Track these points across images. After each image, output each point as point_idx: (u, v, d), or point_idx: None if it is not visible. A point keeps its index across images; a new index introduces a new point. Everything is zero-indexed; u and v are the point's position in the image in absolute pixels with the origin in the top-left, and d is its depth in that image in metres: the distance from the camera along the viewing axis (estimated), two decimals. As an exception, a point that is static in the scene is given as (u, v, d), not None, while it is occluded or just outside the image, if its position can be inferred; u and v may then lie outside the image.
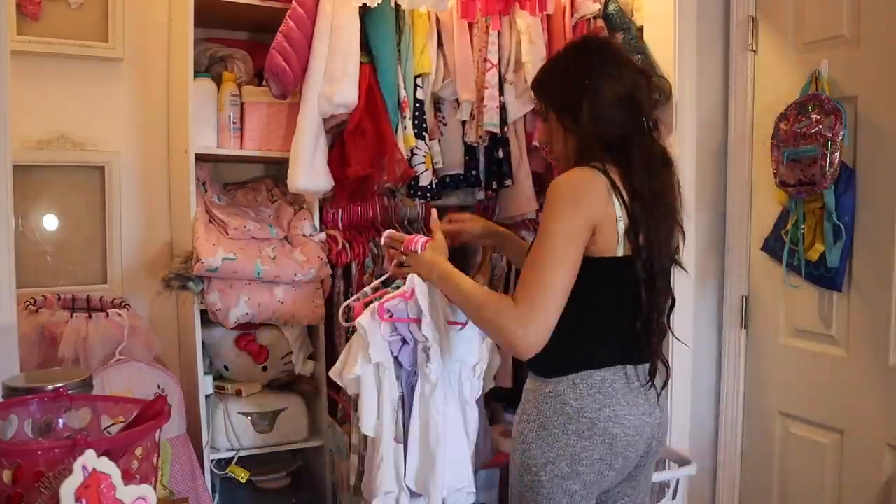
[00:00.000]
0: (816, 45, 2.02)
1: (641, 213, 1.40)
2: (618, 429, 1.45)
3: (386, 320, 1.68)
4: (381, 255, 2.29)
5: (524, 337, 1.34)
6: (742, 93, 2.22)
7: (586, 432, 1.44)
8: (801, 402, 2.09)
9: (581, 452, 1.44)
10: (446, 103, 2.33)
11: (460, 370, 1.74)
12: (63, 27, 2.27)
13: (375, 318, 1.68)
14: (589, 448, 1.44)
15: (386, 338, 1.70)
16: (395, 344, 1.71)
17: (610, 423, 1.44)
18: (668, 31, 2.20)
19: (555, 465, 1.44)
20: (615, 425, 1.44)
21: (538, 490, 1.45)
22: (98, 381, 1.59)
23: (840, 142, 1.86)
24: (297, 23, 2.06)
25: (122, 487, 0.94)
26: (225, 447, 2.15)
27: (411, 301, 1.68)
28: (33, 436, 1.22)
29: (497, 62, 2.31)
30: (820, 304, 2.02)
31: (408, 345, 1.71)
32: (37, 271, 2.28)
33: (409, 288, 1.69)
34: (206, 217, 2.12)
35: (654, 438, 1.52)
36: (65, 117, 2.30)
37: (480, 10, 2.24)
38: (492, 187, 2.38)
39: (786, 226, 2.04)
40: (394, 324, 1.69)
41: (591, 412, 1.44)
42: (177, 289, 2.04)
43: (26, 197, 2.26)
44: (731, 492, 2.30)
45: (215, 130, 2.21)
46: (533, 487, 1.46)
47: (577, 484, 1.44)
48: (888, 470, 1.86)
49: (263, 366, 2.19)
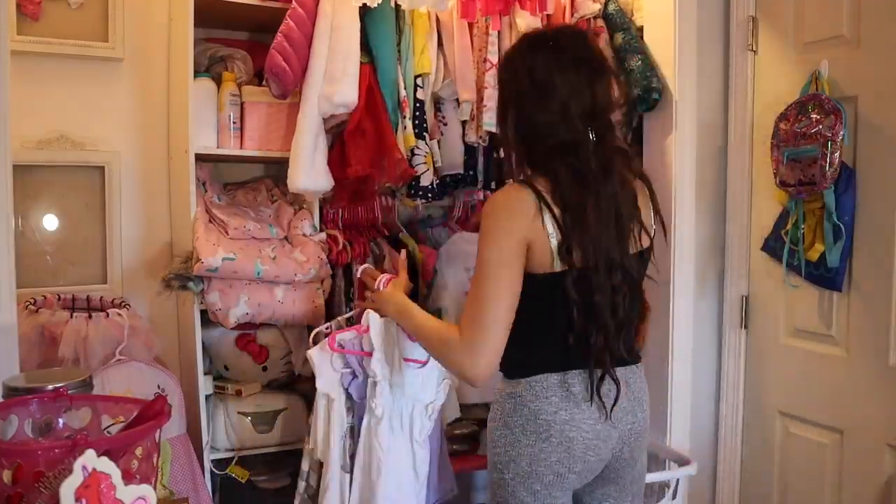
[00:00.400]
0: (816, 45, 2.02)
1: (574, 227, 1.36)
2: (575, 432, 1.42)
3: (336, 351, 1.72)
4: (382, 255, 2.29)
5: (472, 368, 1.37)
6: (742, 93, 2.22)
7: (543, 434, 1.42)
8: (801, 402, 2.09)
9: (539, 454, 1.43)
10: (446, 103, 2.33)
11: (413, 407, 1.77)
12: (63, 27, 2.27)
13: (325, 350, 1.72)
14: (546, 450, 1.42)
15: (337, 369, 1.74)
16: (347, 376, 1.76)
17: (566, 426, 1.42)
18: (668, 31, 2.20)
19: (516, 465, 1.44)
20: (572, 429, 1.42)
21: (504, 487, 1.46)
22: (98, 381, 1.59)
23: (840, 142, 1.86)
24: (297, 23, 2.06)
25: (122, 487, 0.94)
26: (225, 447, 2.15)
27: (366, 335, 1.72)
28: (33, 436, 1.21)
29: (497, 62, 2.31)
30: (820, 304, 2.02)
31: (357, 378, 1.75)
32: (37, 271, 2.28)
33: (366, 323, 1.74)
34: (206, 217, 2.12)
35: (625, 445, 1.49)
36: (65, 117, 2.30)
37: (480, 10, 2.24)
38: (490, 187, 2.38)
39: (786, 226, 2.04)
40: (345, 356, 1.72)
41: (548, 414, 1.42)
42: (177, 289, 2.04)
43: (26, 197, 2.25)
44: (731, 492, 2.30)
45: (215, 130, 2.21)
46: (500, 484, 1.47)
47: (538, 483, 1.44)
48: (888, 470, 1.86)
49: (263, 366, 2.19)
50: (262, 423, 2.17)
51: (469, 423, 2.43)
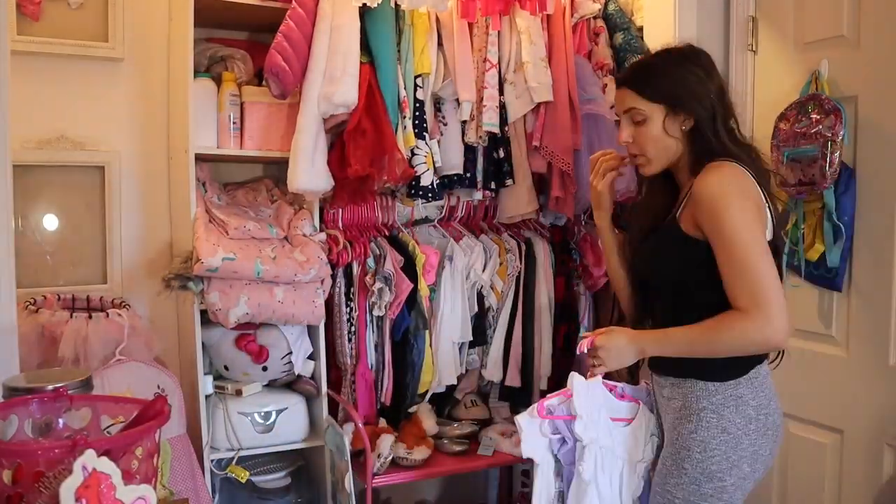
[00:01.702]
0: (816, 45, 2.02)
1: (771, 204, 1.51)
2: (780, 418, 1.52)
3: (545, 417, 1.68)
4: (382, 255, 2.29)
5: (774, 334, 1.39)
6: (742, 93, 2.22)
7: (762, 429, 1.48)
8: (801, 402, 2.09)
9: (758, 451, 1.48)
10: (446, 103, 2.33)
11: (623, 468, 1.70)
12: (63, 27, 2.27)
13: (535, 416, 1.68)
14: (764, 445, 1.48)
15: (547, 435, 1.69)
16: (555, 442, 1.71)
17: (777, 415, 1.51)
18: (668, 32, 2.20)
19: (738, 469, 1.47)
20: (779, 416, 1.52)
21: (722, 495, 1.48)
22: (98, 381, 1.59)
23: (840, 142, 1.86)
24: (297, 23, 2.06)
25: (122, 487, 0.94)
26: (225, 447, 2.15)
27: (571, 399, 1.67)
28: (33, 436, 1.22)
29: (497, 62, 2.31)
30: (820, 304, 2.02)
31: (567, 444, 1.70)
32: (37, 271, 2.28)
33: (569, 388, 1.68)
34: (206, 217, 2.12)
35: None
36: (65, 117, 2.30)
37: (480, 10, 2.24)
38: (490, 187, 2.38)
39: (786, 226, 2.04)
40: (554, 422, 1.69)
41: (768, 408, 1.49)
42: (177, 289, 2.04)
43: (26, 197, 2.25)
44: (731, 492, 2.30)
45: (215, 130, 2.21)
46: (717, 494, 1.48)
47: (751, 482, 1.50)
48: (888, 470, 1.86)
49: (263, 366, 2.19)
50: (262, 423, 2.17)
51: (469, 424, 2.44)
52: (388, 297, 2.26)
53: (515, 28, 2.32)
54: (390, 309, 2.28)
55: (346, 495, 2.07)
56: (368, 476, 2.11)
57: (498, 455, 2.32)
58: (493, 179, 2.37)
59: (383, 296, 2.25)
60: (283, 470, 2.30)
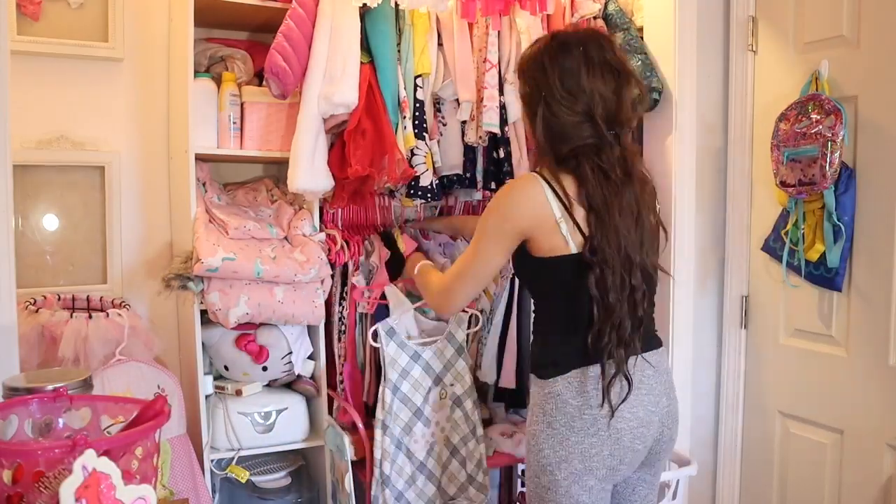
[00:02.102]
0: (816, 45, 2.02)
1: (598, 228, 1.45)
2: (622, 423, 1.46)
3: None
4: (371, 251, 2.29)
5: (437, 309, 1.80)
6: (742, 93, 2.22)
7: (591, 429, 1.45)
8: (801, 402, 2.09)
9: (590, 449, 1.45)
10: (446, 103, 2.33)
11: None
12: (63, 27, 2.26)
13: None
14: (597, 445, 1.45)
15: None
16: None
17: (605, 419, 1.46)
18: (668, 31, 2.20)
19: (568, 464, 1.46)
20: (619, 420, 1.46)
21: (556, 488, 1.47)
22: (98, 381, 1.59)
23: (840, 142, 1.86)
24: (297, 23, 2.06)
25: (122, 487, 0.94)
26: (225, 447, 2.15)
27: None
28: (33, 436, 1.22)
29: (497, 62, 2.30)
30: (820, 304, 2.02)
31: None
32: (37, 271, 2.28)
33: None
34: (206, 217, 2.12)
35: (664, 426, 1.54)
36: (65, 117, 2.30)
37: (480, 10, 2.24)
38: (490, 188, 2.37)
39: (786, 226, 2.05)
40: None
41: (591, 410, 1.45)
42: (177, 289, 2.04)
43: (26, 197, 2.25)
44: (731, 492, 2.30)
45: (215, 130, 2.21)
46: (551, 487, 1.48)
47: (593, 479, 1.47)
48: (888, 470, 1.86)
49: (263, 366, 2.19)
50: (262, 423, 2.17)
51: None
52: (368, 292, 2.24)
53: (515, 28, 2.32)
54: (369, 304, 2.26)
55: (346, 495, 2.07)
56: (369, 476, 2.11)
57: (498, 455, 2.32)
58: (493, 179, 2.36)
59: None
60: (283, 470, 2.30)
